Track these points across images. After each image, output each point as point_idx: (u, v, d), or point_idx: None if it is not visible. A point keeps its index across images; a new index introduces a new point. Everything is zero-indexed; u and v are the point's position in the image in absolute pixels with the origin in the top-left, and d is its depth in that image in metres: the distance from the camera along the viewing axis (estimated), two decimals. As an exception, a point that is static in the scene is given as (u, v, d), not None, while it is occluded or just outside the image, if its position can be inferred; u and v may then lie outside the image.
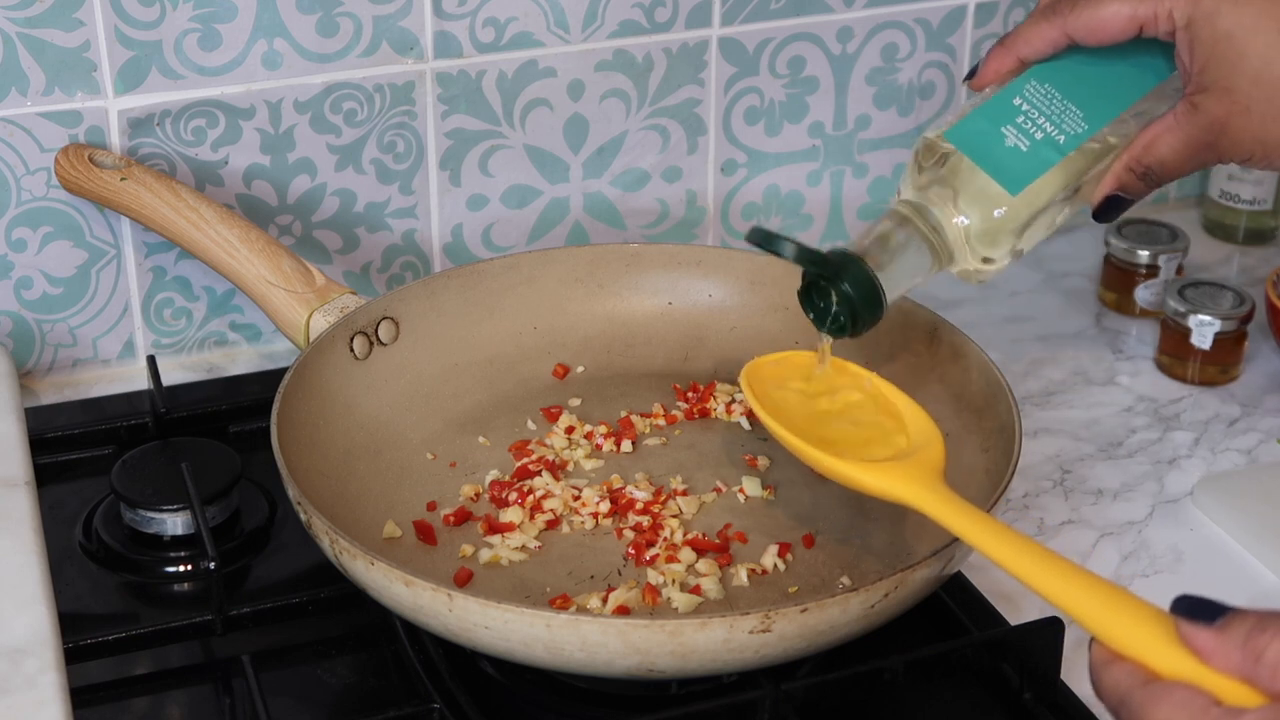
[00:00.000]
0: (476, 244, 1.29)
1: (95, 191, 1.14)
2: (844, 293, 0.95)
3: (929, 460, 0.93)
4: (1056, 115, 0.97)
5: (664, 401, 1.12)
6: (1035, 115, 0.97)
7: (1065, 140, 0.97)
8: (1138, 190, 0.98)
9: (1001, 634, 0.94)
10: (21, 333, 1.21)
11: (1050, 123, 0.97)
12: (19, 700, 0.84)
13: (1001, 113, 0.98)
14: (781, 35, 1.30)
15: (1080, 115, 0.97)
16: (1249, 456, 1.17)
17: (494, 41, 1.23)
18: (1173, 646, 0.70)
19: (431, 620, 0.87)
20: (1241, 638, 0.68)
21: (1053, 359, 1.27)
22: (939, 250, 0.97)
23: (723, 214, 1.35)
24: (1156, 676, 0.69)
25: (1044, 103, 0.98)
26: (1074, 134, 0.97)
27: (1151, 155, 0.96)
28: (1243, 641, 0.67)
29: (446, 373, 1.13)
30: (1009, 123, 0.98)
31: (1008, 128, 0.97)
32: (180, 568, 1.04)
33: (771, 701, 0.88)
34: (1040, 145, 0.96)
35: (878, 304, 0.96)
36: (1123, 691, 0.70)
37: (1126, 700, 0.69)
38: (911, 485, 0.90)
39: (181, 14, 1.15)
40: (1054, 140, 0.96)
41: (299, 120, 1.21)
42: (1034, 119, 0.97)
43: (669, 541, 0.99)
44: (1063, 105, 0.97)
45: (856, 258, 0.96)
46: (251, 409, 1.14)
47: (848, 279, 0.95)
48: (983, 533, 0.83)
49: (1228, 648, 0.68)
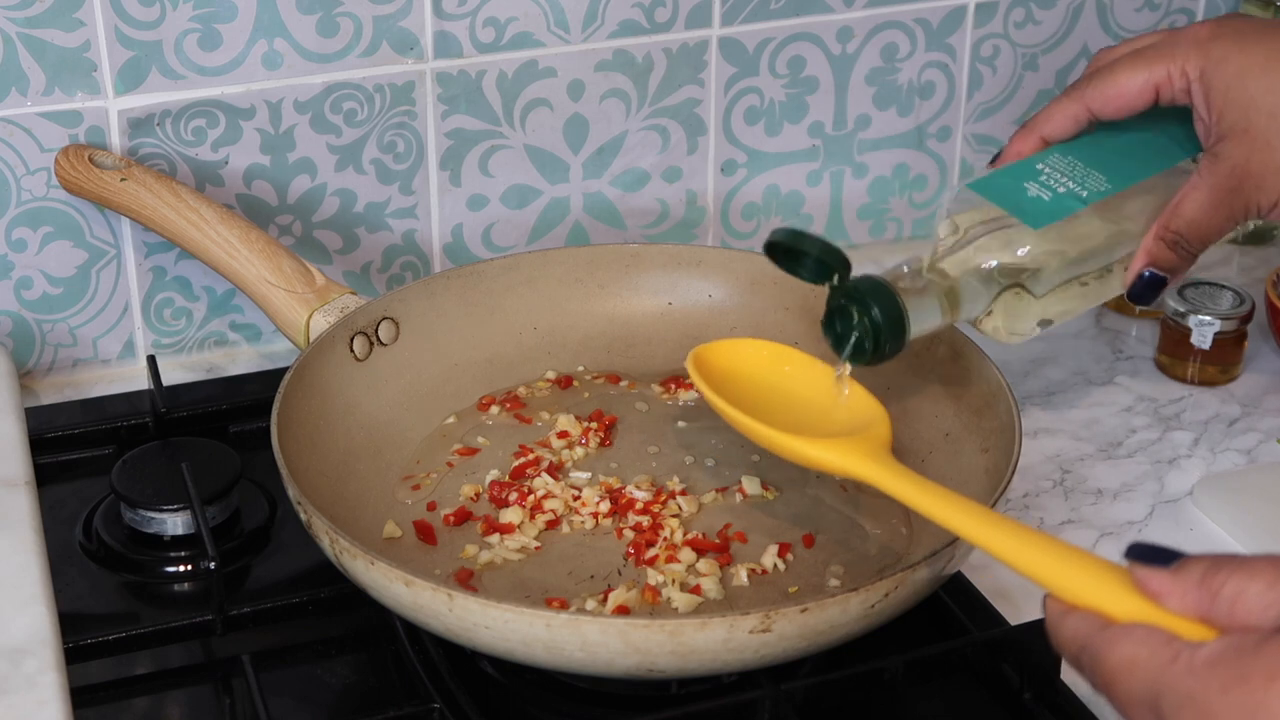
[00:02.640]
0: (476, 244, 1.29)
1: (95, 192, 1.14)
2: (873, 318, 0.95)
3: (876, 436, 0.95)
4: (1079, 177, 0.98)
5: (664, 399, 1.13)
6: (1058, 175, 0.98)
7: (1088, 195, 0.97)
8: (1169, 262, 0.98)
9: (1001, 634, 0.94)
10: (21, 333, 1.21)
11: (1073, 181, 0.97)
12: (19, 700, 0.84)
13: (1024, 173, 0.98)
14: (781, 35, 1.30)
15: (1103, 178, 0.98)
16: (1249, 456, 1.17)
17: (494, 41, 1.23)
18: (1128, 592, 0.70)
19: (431, 620, 0.87)
20: (1197, 578, 0.68)
21: (1053, 359, 1.27)
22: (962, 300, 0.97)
23: (723, 214, 1.35)
24: (1113, 622, 0.70)
25: (1066, 168, 0.98)
26: (1096, 190, 0.97)
27: (1179, 218, 0.97)
28: (1198, 581, 0.68)
29: (446, 373, 1.13)
30: (1031, 180, 0.98)
31: (1030, 183, 0.98)
32: (180, 568, 1.04)
33: (771, 701, 0.88)
34: (1062, 196, 0.97)
35: (902, 335, 0.96)
36: (1082, 639, 0.70)
37: (1086, 646, 0.70)
38: (858, 458, 0.92)
39: (181, 14, 1.15)
40: (1076, 194, 0.97)
41: (299, 120, 1.21)
42: (1056, 179, 0.98)
43: (669, 541, 0.99)
44: (1085, 171, 0.98)
45: (886, 284, 0.96)
46: (251, 409, 1.14)
47: (877, 304, 0.95)
48: (932, 501, 0.85)
49: (1184, 588, 0.69)
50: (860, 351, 0.97)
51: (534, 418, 1.11)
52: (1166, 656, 0.67)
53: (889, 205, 1.39)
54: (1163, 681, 0.66)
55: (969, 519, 0.81)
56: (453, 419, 1.11)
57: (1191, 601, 0.68)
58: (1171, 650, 0.67)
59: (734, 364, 1.03)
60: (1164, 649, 0.67)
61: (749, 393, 1.01)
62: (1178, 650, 0.67)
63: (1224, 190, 0.95)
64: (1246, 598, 0.67)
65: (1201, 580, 0.68)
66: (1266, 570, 0.67)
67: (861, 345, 0.96)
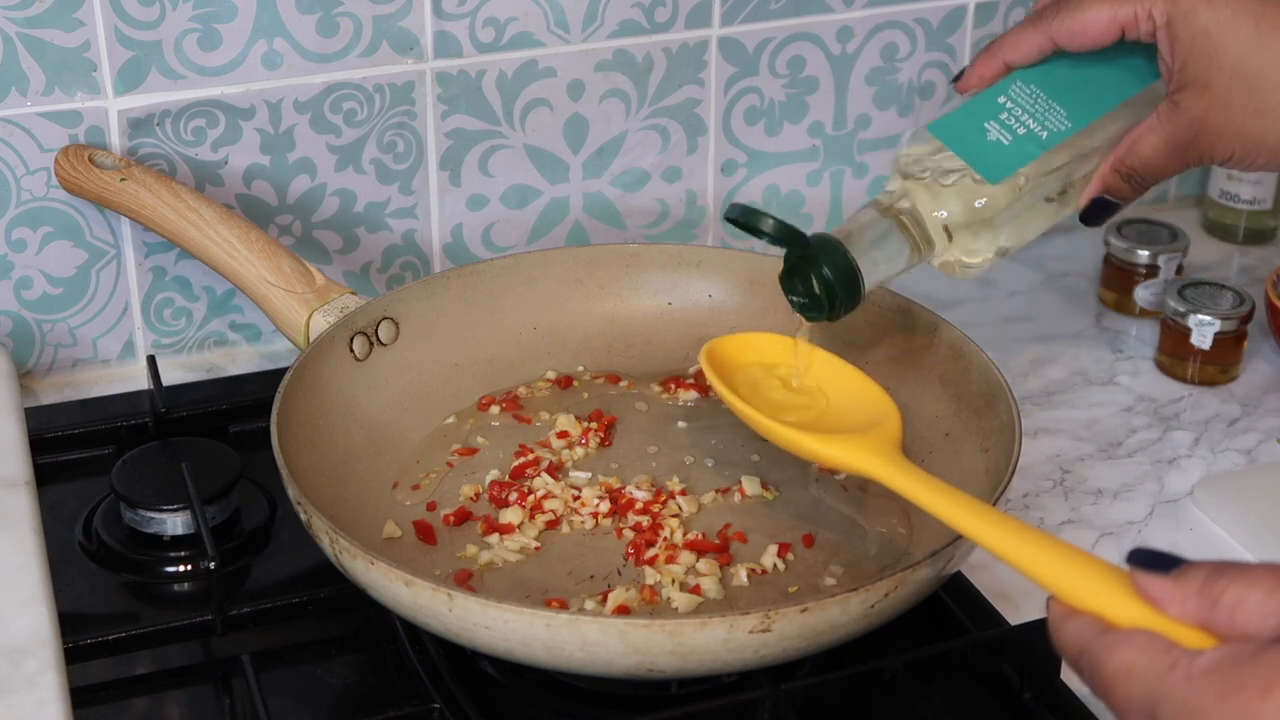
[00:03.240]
0: (476, 244, 1.29)
1: (95, 192, 1.14)
2: (823, 276, 0.97)
3: (887, 433, 0.96)
4: (1040, 113, 0.98)
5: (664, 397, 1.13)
6: (1019, 112, 0.98)
7: (1048, 136, 0.97)
8: (1122, 192, 0.99)
9: (1001, 634, 0.94)
10: (21, 333, 1.21)
11: (1034, 119, 0.98)
12: (19, 700, 0.84)
13: (985, 109, 0.99)
14: (781, 35, 1.30)
15: (1064, 114, 0.98)
16: (1249, 456, 1.17)
17: (494, 41, 1.23)
18: (1129, 598, 0.70)
19: (431, 620, 0.87)
20: (1198, 585, 0.68)
21: (1053, 359, 1.27)
22: (919, 241, 0.98)
23: (723, 214, 1.35)
24: (1114, 627, 0.70)
25: (1028, 102, 0.98)
26: (1057, 130, 0.97)
27: (1135, 155, 0.97)
28: (1199, 588, 0.68)
29: (446, 373, 1.13)
30: (992, 118, 0.99)
31: (990, 123, 0.98)
32: (180, 568, 1.04)
33: (771, 701, 0.88)
34: (1022, 140, 0.97)
35: (855, 289, 0.97)
36: (1082, 643, 0.71)
37: (1086, 650, 0.70)
38: (869, 456, 0.93)
39: (181, 14, 1.15)
40: (1036, 135, 0.97)
41: (299, 120, 1.21)
42: (1017, 115, 0.98)
43: (669, 541, 0.99)
44: (1047, 104, 0.98)
45: (836, 241, 0.97)
46: (251, 409, 1.14)
47: (826, 262, 0.97)
48: (939, 499, 0.85)
49: (1184, 595, 0.69)
50: (817, 307, 0.98)
51: (534, 418, 1.11)
52: (1165, 664, 0.67)
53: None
54: (1160, 689, 0.67)
55: (974, 518, 0.82)
56: (453, 419, 1.11)
57: (1192, 608, 0.68)
58: (1170, 658, 0.67)
59: (747, 358, 1.03)
60: (1162, 656, 0.67)
61: (761, 388, 1.01)
62: (1176, 658, 0.67)
63: (1180, 140, 0.96)
64: (1246, 606, 0.67)
65: (1202, 587, 0.68)
66: (1266, 579, 0.67)
67: (818, 302, 0.97)
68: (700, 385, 1.14)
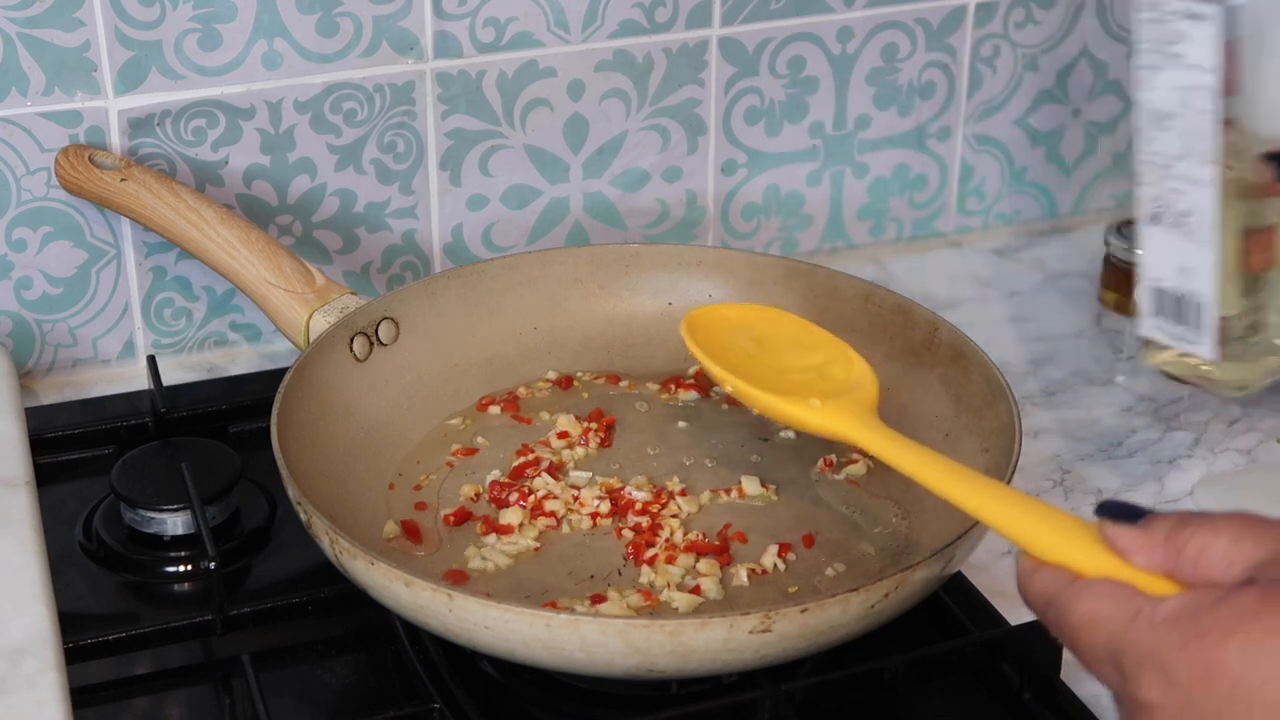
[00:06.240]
0: (476, 244, 1.29)
1: (95, 192, 1.14)
2: None
3: (864, 398, 0.96)
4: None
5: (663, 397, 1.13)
6: None
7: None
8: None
9: (1001, 634, 0.94)
10: (21, 333, 1.21)
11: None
12: (19, 700, 0.84)
13: None
14: (781, 35, 1.30)
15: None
16: (1249, 456, 1.17)
17: (494, 41, 1.23)
18: (1096, 549, 0.71)
19: (431, 620, 0.87)
20: (1163, 534, 0.69)
21: (1053, 359, 1.27)
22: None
23: (723, 214, 1.35)
24: (1081, 577, 0.71)
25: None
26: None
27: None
28: (1164, 538, 0.69)
29: (446, 373, 1.13)
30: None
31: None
32: (180, 568, 1.04)
33: (771, 701, 0.88)
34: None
35: None
36: (1049, 594, 0.71)
37: (1053, 600, 0.71)
38: (846, 419, 0.93)
39: (181, 14, 1.15)
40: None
41: (299, 120, 1.21)
42: None
43: (668, 541, 0.99)
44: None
45: None
46: (251, 409, 1.14)
47: None
48: (915, 460, 0.86)
49: (1150, 544, 0.70)
50: None
51: (534, 418, 1.11)
52: (1129, 612, 0.68)
53: (889, 205, 1.39)
54: (1123, 637, 0.67)
55: (944, 475, 0.83)
56: (453, 419, 1.11)
57: (1158, 557, 0.69)
58: (1134, 606, 0.68)
59: (728, 329, 1.04)
60: (1127, 604, 0.68)
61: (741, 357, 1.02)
62: (1139, 606, 0.67)
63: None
64: (1210, 554, 0.68)
65: (1167, 537, 0.69)
66: (1230, 527, 0.68)
67: None
68: (700, 385, 1.14)
